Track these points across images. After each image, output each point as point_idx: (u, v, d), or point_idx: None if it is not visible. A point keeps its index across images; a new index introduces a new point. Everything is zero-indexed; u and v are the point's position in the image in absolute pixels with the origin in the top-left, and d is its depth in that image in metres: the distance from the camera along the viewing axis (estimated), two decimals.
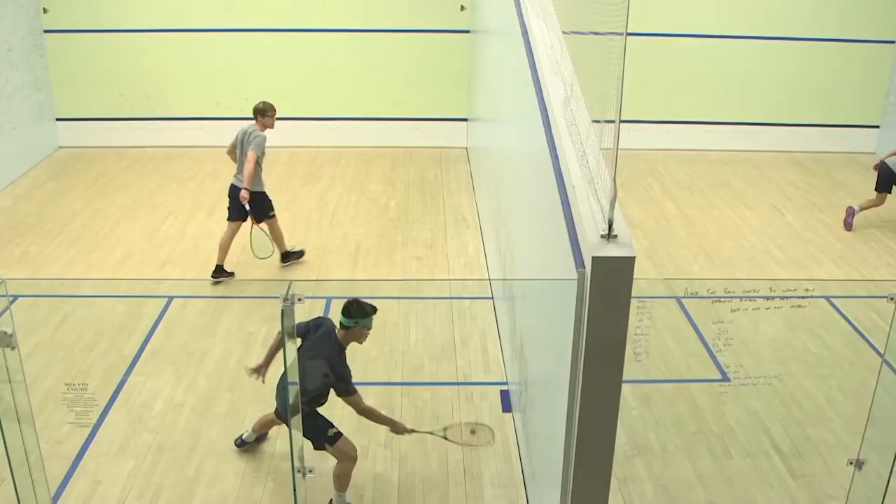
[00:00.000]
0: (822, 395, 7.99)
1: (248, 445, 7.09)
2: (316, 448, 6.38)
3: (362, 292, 9.57)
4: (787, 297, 5.33)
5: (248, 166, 9.35)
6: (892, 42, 14.69)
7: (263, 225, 9.66)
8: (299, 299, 4.90)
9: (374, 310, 6.25)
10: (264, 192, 9.73)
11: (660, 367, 8.27)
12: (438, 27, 14.18)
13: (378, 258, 10.49)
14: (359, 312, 6.18)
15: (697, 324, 8.96)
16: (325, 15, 14.01)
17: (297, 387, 5.44)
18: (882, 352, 5.27)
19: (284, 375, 5.74)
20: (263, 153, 9.54)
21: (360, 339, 6.29)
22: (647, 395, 7.87)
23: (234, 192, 9.60)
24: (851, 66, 14.47)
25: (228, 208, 9.75)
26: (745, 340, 8.51)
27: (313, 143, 14.31)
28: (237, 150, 9.69)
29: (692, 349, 8.59)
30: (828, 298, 9.67)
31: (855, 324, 9.18)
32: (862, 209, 11.78)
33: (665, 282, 9.89)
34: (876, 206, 11.78)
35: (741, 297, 5.23)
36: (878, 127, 15.07)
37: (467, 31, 14.08)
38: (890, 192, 11.73)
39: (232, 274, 9.88)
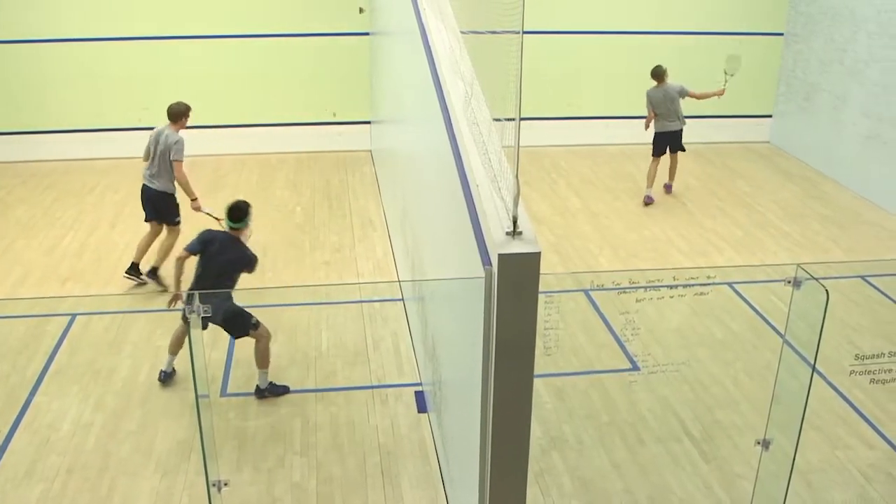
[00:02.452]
0: (728, 379, 8.20)
1: (171, 378, 7.93)
2: (239, 336, 7.79)
3: (271, 299, 9.45)
4: (689, 285, 5.45)
5: (182, 178, 9.70)
6: (781, 35, 15.16)
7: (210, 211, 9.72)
8: (205, 309, 4.83)
9: (248, 205, 8.04)
10: (174, 195, 9.82)
11: (571, 360, 8.38)
12: (337, 30, 14.10)
13: (286, 265, 10.39)
14: (245, 213, 7.94)
15: (605, 315, 9.11)
16: (222, 21, 13.81)
17: (207, 399, 5.35)
18: (783, 333, 5.42)
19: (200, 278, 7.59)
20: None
21: (248, 236, 8.02)
22: (560, 389, 7.97)
23: (146, 193, 9.77)
24: (743, 58, 14.85)
25: (144, 209, 9.88)
26: (652, 329, 8.68)
27: (215, 152, 14.08)
28: (151, 152, 9.70)
29: (602, 341, 8.73)
30: (730, 284, 9.92)
31: (757, 308, 9.44)
32: (652, 184, 12.63)
33: (572, 276, 10.02)
34: (668, 168, 12.89)
35: (645, 288, 5.33)
36: (770, 116, 15.54)
37: (367, 34, 14.05)
38: (664, 154, 12.76)
39: (144, 282, 9.79)
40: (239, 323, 7.64)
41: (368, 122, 14.42)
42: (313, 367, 8.30)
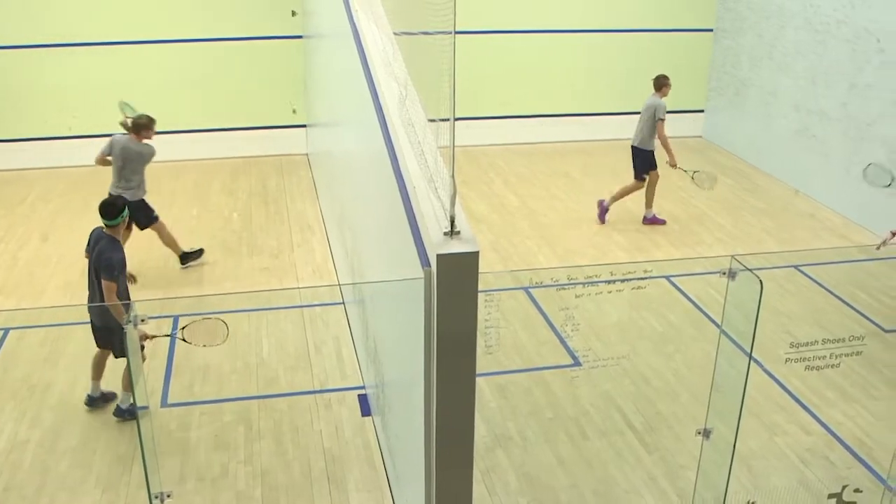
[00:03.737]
0: (668, 371, 8.31)
1: (98, 403, 7.59)
2: (120, 356, 7.21)
3: (210, 307, 9.35)
4: (627, 280, 5.50)
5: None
6: (711, 31, 15.40)
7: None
8: (142, 320, 4.76)
9: (125, 202, 7.41)
10: (144, 200, 9.86)
11: (513, 358, 8.42)
12: (270, 34, 13.99)
13: (224, 272, 10.28)
14: (119, 210, 7.26)
15: (546, 312, 9.17)
16: (154, 27, 13.61)
17: (147, 411, 5.28)
18: (720, 324, 5.50)
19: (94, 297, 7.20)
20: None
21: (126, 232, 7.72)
22: (503, 386, 8.00)
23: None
24: (675, 55, 15.08)
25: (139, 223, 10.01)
26: (592, 324, 8.75)
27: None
28: (118, 164, 9.66)
29: (543, 337, 8.78)
30: (667, 278, 10.05)
31: (694, 300, 9.58)
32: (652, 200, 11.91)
33: (512, 273, 10.07)
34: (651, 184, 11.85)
35: (584, 284, 5.38)
36: (702, 112, 15.77)
37: (300, 37, 13.96)
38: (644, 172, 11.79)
39: (200, 251, 10.46)
40: (115, 341, 7.13)
41: (304, 126, 14.33)
42: (255, 374, 8.22)
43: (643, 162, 11.73)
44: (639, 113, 11.82)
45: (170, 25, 13.66)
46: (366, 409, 7.67)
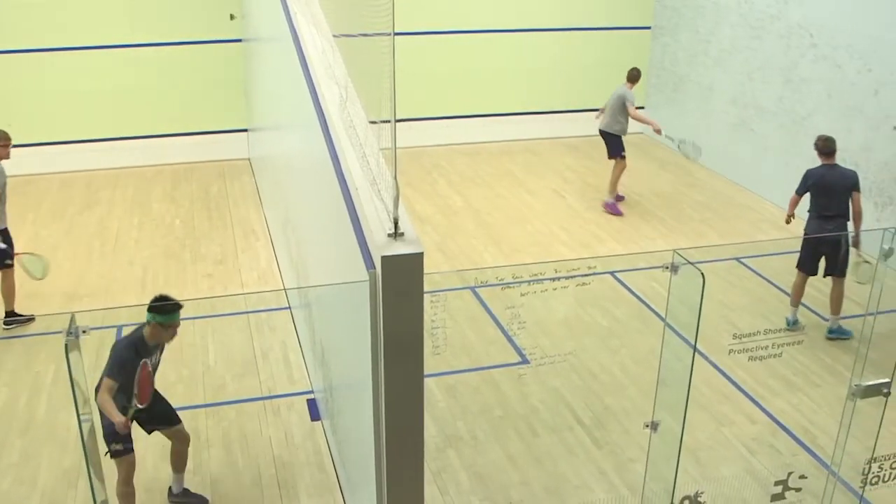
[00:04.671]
0: (615, 366, 8.38)
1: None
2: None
3: None
4: (572, 277, 5.54)
5: None
6: (649, 28, 15.58)
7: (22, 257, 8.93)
8: (84, 331, 4.67)
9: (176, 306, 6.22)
10: (6, 229, 8.95)
11: (461, 358, 8.43)
12: (209, 38, 13.86)
13: (167, 280, 10.15)
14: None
15: (492, 311, 9.19)
16: (89, 33, 13.38)
17: (94, 423, 5.18)
18: (664, 317, 5.56)
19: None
20: (5, 184, 8.78)
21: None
22: (452, 386, 8.01)
23: None
24: (615, 53, 15.22)
25: None
26: (539, 322, 8.79)
27: (87, 167, 13.65)
28: None
29: (490, 336, 8.80)
30: (612, 273, 10.14)
31: (639, 294, 9.68)
32: (615, 188, 12.33)
33: (458, 273, 10.08)
34: (621, 171, 12.33)
35: (529, 281, 5.40)
36: (643, 108, 15.90)
37: (239, 41, 13.84)
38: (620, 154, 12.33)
39: (31, 318, 9.13)
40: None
41: (245, 130, 14.21)
42: (201, 382, 8.13)
43: (615, 144, 12.32)
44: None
45: (104, 31, 13.45)
46: (315, 414, 7.63)
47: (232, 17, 13.77)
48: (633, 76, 12.29)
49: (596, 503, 6.62)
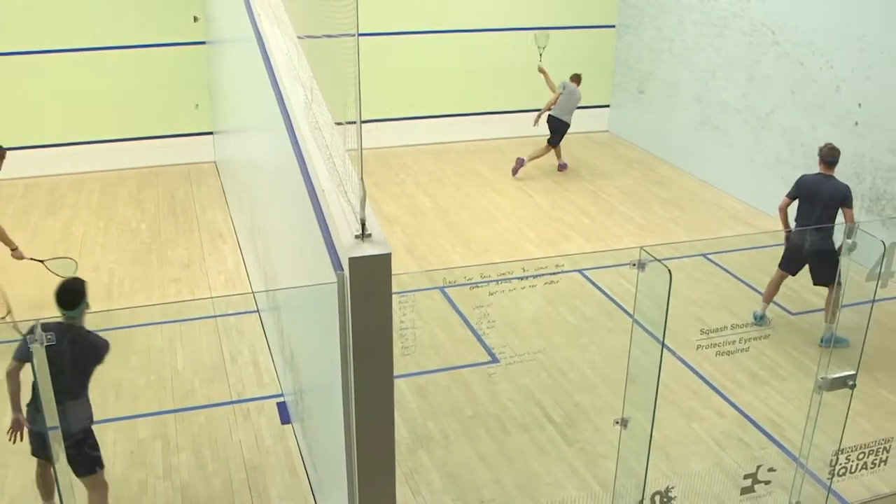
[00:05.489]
0: (585, 363, 8.41)
1: None
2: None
3: (121, 321, 9.15)
4: (540, 275, 5.56)
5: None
6: (613, 27, 15.66)
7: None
8: (48, 338, 4.62)
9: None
10: None
11: (431, 358, 8.43)
12: (172, 40, 13.75)
13: (134, 285, 10.06)
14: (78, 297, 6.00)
15: (462, 310, 9.20)
16: (52, 35, 13.23)
17: (59, 431, 5.12)
18: (633, 314, 5.60)
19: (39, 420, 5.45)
20: None
21: None
22: (423, 387, 8.00)
23: None
24: (580, 52, 15.29)
25: None
26: (508, 321, 8.81)
27: (51, 172, 13.51)
28: None
29: (460, 336, 8.81)
30: (580, 271, 10.18)
31: (607, 292, 9.72)
32: (535, 159, 13.66)
33: (426, 274, 10.08)
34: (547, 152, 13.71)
35: (498, 281, 5.41)
36: (608, 107, 16.03)
37: (203, 43, 13.75)
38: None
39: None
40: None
41: (211, 133, 14.13)
42: (170, 387, 8.07)
43: (561, 133, 13.58)
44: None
45: (67, 34, 13.31)
46: (285, 417, 7.60)
47: (195, 19, 13.68)
48: (579, 80, 13.72)
49: (567, 500, 6.64)
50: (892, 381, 8.24)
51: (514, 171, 13.60)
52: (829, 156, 8.73)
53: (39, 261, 8.96)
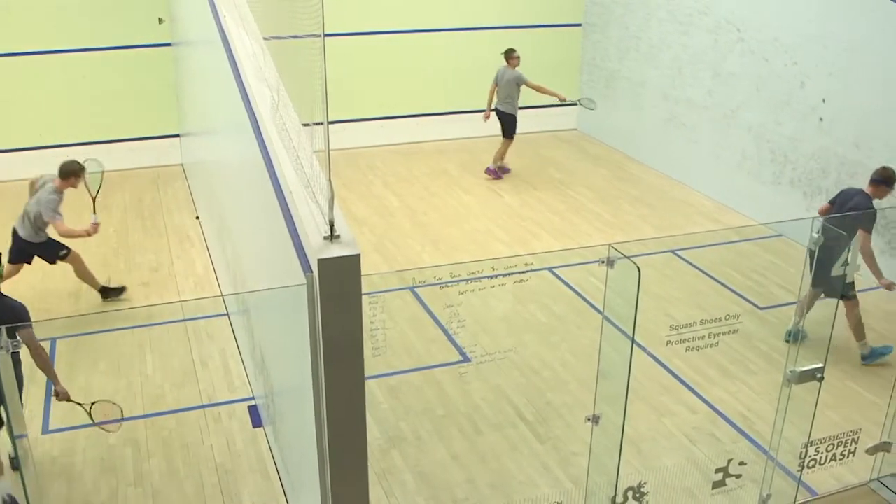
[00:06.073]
0: (556, 361, 8.44)
1: None
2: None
3: (90, 326, 9.07)
4: (509, 274, 5.56)
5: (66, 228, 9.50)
6: (580, 25, 15.72)
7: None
8: (14, 345, 4.58)
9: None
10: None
11: (402, 358, 8.42)
12: (137, 42, 13.64)
13: None
14: None
15: (432, 310, 9.20)
16: (14, 37, 13.08)
17: (26, 439, 5.08)
18: (602, 311, 5.62)
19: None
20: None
21: None
22: (394, 387, 7.99)
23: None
24: (547, 51, 15.34)
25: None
26: (478, 320, 8.79)
27: (15, 177, 13.33)
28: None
29: (431, 336, 8.81)
30: (550, 269, 10.21)
31: (577, 289, 9.76)
32: (498, 161, 13.56)
33: (396, 274, 10.07)
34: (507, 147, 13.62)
35: (467, 280, 5.41)
36: (576, 105, 16.05)
37: (169, 45, 13.66)
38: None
39: (123, 288, 9.81)
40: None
41: (178, 136, 14.03)
42: (140, 393, 8.01)
43: (511, 123, 13.44)
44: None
45: (30, 36, 13.17)
46: (256, 421, 7.56)
47: (160, 20, 13.58)
48: (510, 57, 13.25)
49: (540, 498, 6.66)
50: (859, 373, 8.33)
51: (498, 176, 13.55)
52: (880, 175, 8.30)
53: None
